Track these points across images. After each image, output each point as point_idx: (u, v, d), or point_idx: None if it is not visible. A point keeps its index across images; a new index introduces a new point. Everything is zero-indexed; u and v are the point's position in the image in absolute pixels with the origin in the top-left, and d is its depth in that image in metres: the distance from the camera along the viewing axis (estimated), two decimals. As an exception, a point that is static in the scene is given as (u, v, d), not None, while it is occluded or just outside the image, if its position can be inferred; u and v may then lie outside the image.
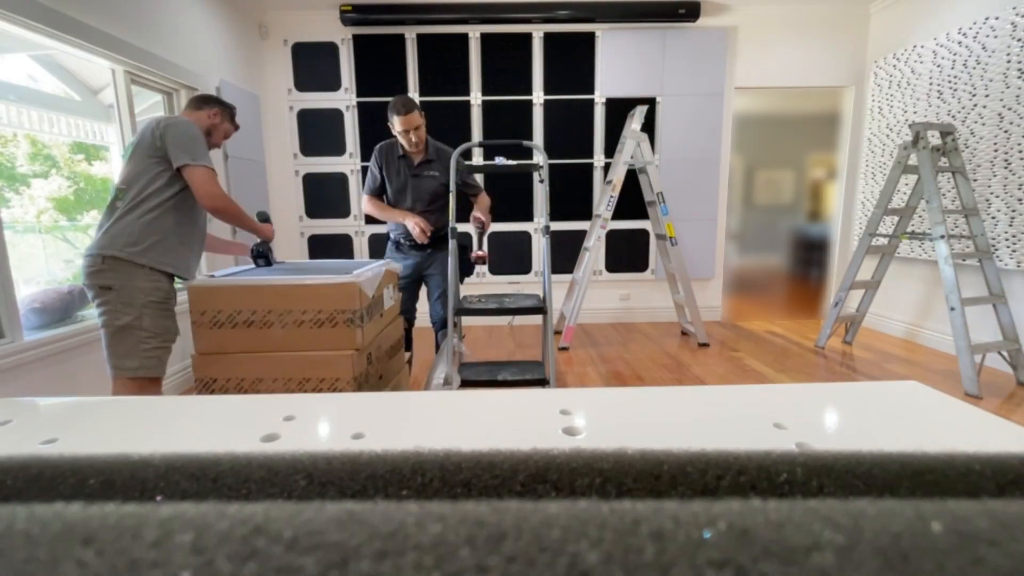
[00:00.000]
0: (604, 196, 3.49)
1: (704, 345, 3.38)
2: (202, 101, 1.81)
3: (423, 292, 2.51)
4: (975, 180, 2.88)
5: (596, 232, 3.43)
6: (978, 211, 2.74)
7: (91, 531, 0.13)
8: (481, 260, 2.20)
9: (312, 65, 3.74)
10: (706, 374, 2.87)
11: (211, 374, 1.87)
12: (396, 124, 2.20)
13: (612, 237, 3.94)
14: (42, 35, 1.95)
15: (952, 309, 2.54)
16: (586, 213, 3.92)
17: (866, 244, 3.14)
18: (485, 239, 2.28)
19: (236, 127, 1.92)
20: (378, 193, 2.39)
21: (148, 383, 1.64)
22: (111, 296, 1.54)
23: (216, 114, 1.81)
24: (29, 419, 0.48)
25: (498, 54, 3.72)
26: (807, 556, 0.12)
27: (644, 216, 3.87)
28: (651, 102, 3.76)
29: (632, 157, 3.44)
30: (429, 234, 2.25)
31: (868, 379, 2.56)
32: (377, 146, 2.37)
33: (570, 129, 3.83)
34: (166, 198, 1.61)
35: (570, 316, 3.38)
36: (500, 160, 2.24)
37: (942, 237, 2.61)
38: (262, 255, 1.95)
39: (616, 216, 3.78)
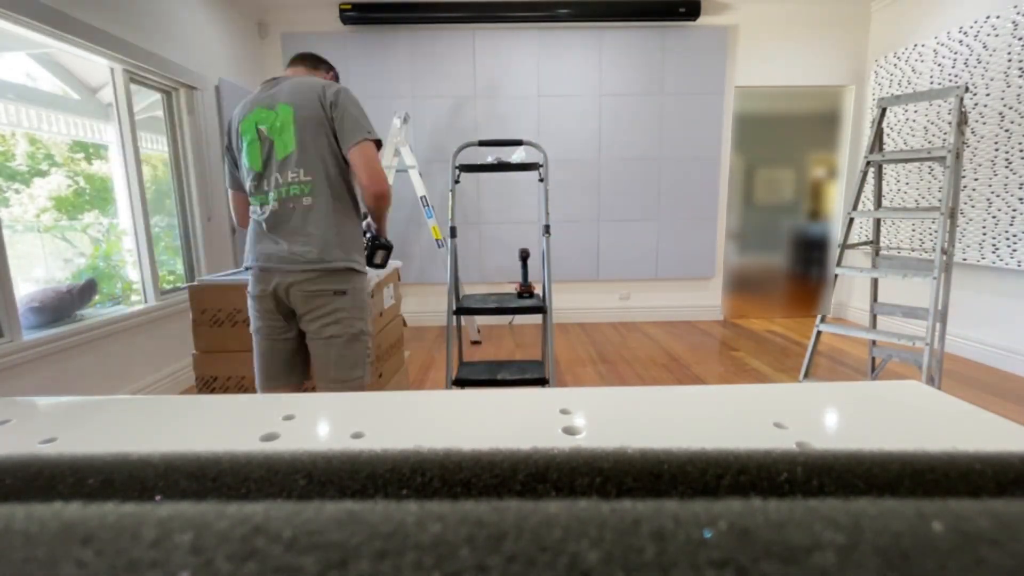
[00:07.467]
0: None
1: (476, 343, 3.52)
2: (316, 60, 1.47)
3: None
4: (976, 179, 2.88)
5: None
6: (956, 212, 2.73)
7: (90, 531, 0.13)
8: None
9: (312, 64, 3.73)
10: (706, 374, 2.87)
11: (211, 372, 1.87)
12: None
13: (615, 239, 3.94)
14: (41, 33, 1.95)
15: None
16: (589, 213, 3.92)
17: (866, 243, 3.14)
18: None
19: None
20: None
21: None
22: (346, 301, 1.33)
23: (333, 79, 1.48)
24: (28, 418, 0.48)
25: (497, 53, 3.71)
26: (808, 556, 0.12)
27: (643, 218, 3.87)
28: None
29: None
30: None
31: (868, 379, 2.56)
32: None
33: (570, 128, 3.82)
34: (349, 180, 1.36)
35: None
36: (500, 159, 2.24)
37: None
38: (384, 247, 1.58)
39: (615, 217, 3.78)
